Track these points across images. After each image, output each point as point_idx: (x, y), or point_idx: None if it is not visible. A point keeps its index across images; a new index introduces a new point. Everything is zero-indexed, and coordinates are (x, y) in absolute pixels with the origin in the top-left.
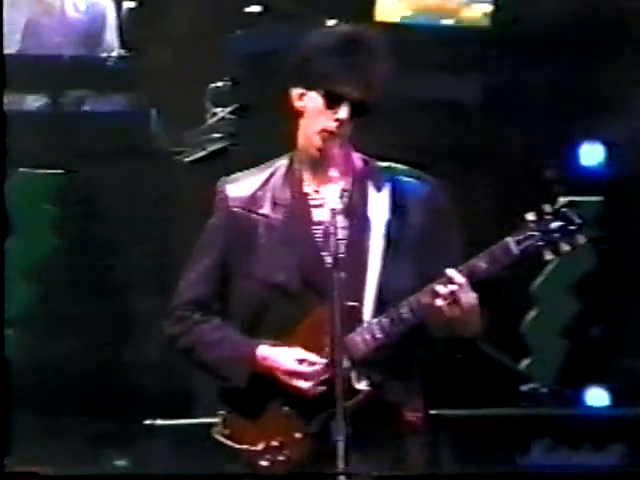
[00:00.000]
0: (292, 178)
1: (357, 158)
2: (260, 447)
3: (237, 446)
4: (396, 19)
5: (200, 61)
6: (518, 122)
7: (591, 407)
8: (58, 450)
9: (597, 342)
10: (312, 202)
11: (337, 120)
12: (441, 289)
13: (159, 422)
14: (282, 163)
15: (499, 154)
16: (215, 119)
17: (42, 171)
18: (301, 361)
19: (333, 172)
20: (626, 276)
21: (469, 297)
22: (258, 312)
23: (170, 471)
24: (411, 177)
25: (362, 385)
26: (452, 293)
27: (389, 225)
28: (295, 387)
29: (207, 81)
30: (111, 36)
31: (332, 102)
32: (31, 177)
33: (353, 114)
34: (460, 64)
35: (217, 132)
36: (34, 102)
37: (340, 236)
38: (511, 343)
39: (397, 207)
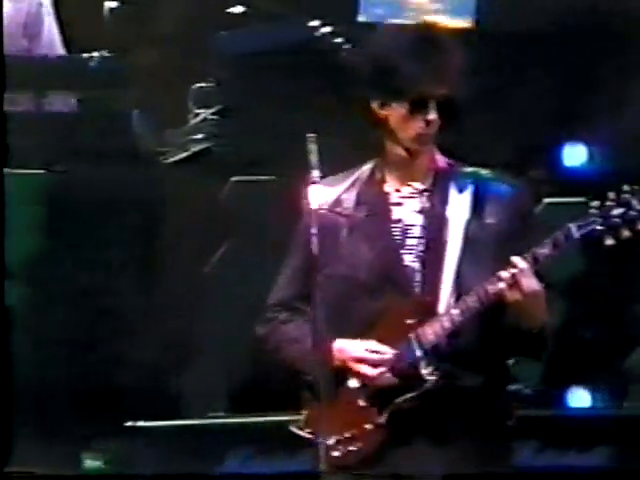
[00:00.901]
0: (375, 180)
1: (441, 160)
2: (333, 439)
3: (311, 437)
4: (379, 20)
5: (183, 62)
6: (501, 123)
7: (575, 408)
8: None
9: (581, 343)
10: (392, 200)
11: (427, 122)
12: (503, 273)
13: (140, 423)
14: (367, 168)
15: (481, 157)
16: (198, 120)
17: (25, 171)
18: (371, 350)
19: (416, 172)
20: (609, 277)
21: (531, 282)
22: (341, 310)
23: (154, 472)
24: (495, 180)
25: (429, 375)
26: (513, 276)
27: (468, 225)
28: (363, 374)
29: (190, 82)
30: (50, 31)
31: (419, 106)
32: (15, 177)
33: (441, 113)
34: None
35: (200, 133)
36: (17, 102)
37: (418, 235)
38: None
39: (478, 208)
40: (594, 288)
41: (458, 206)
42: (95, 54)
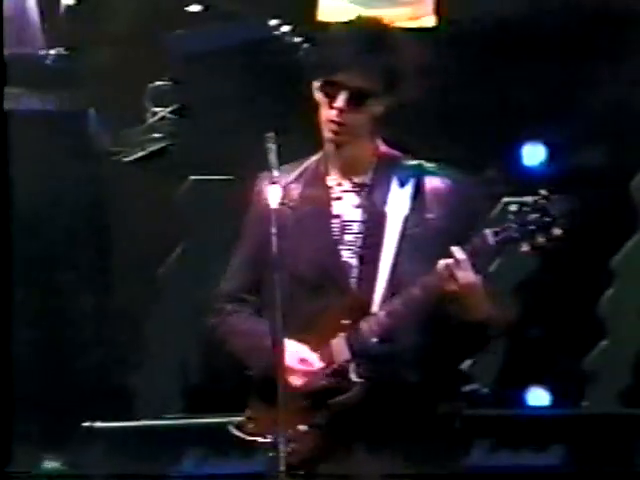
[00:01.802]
0: (319, 173)
1: (385, 152)
2: (270, 439)
3: (248, 438)
4: (338, 20)
5: (140, 60)
6: (459, 122)
7: (532, 407)
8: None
9: (538, 342)
10: (333, 195)
11: (335, 108)
12: (440, 263)
13: (97, 424)
14: (314, 160)
15: (440, 155)
16: (155, 119)
17: None
18: (300, 360)
19: (356, 165)
20: (566, 276)
21: (467, 274)
22: (285, 305)
23: (111, 473)
24: (440, 175)
25: (357, 378)
26: (447, 266)
27: (407, 220)
28: (290, 382)
29: (147, 80)
30: (34, 31)
31: (330, 91)
32: None
33: (353, 103)
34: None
35: (157, 132)
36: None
37: (356, 230)
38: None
39: (418, 203)
40: (551, 287)
41: (398, 201)
42: (51, 52)
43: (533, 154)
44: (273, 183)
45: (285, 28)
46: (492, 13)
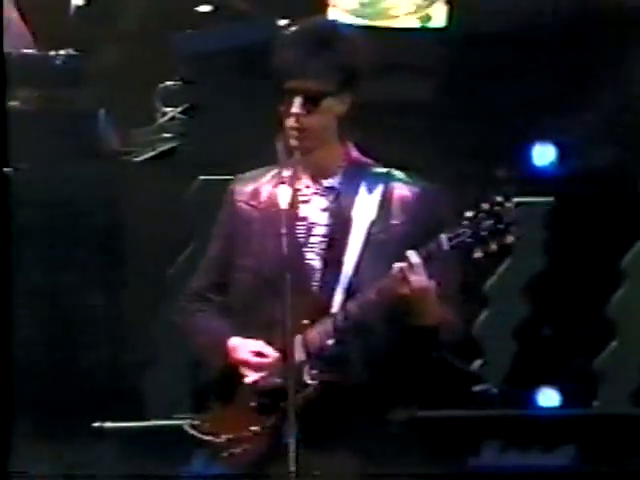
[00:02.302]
0: (290, 176)
1: (354, 160)
2: (223, 439)
3: (201, 436)
4: (350, 20)
5: (150, 60)
6: (470, 122)
7: (542, 408)
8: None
9: (548, 343)
10: (301, 198)
11: (292, 115)
12: (394, 266)
13: (108, 424)
14: (288, 162)
15: (450, 155)
16: (165, 119)
17: None
18: (255, 353)
19: (324, 169)
20: (577, 276)
21: (420, 278)
22: (251, 305)
23: (121, 473)
24: (408, 183)
25: (310, 380)
26: (401, 270)
27: (372, 225)
28: (245, 376)
29: (157, 80)
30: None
31: (287, 97)
32: None
33: (308, 106)
34: (413, 64)
35: (167, 132)
36: None
37: (321, 233)
38: (462, 344)
39: (384, 209)
40: (562, 288)
41: (365, 206)
42: (61, 52)
43: (543, 154)
44: (282, 183)
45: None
46: (503, 11)
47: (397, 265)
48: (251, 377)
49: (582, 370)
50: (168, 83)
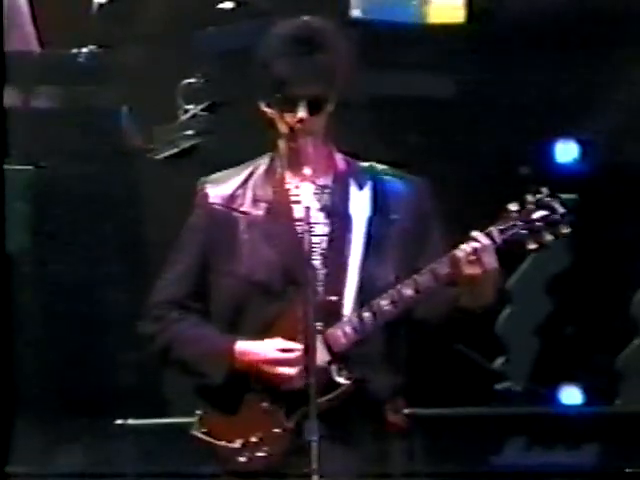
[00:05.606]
0: (273, 176)
1: (339, 158)
2: (238, 444)
3: (215, 442)
4: (370, 16)
5: (172, 57)
6: (492, 120)
7: (565, 406)
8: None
9: (571, 340)
10: (293, 198)
11: (298, 120)
12: (465, 247)
13: (131, 422)
14: (262, 162)
15: (473, 153)
16: (187, 116)
17: (10, 167)
18: (283, 349)
19: (308, 170)
20: (600, 274)
21: (492, 260)
22: (239, 310)
23: (143, 471)
24: (392, 176)
25: (342, 379)
26: (475, 251)
27: (370, 222)
28: (280, 375)
29: (179, 78)
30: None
31: (290, 103)
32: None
33: (313, 111)
34: (432, 62)
35: (189, 129)
36: (4, 98)
37: (321, 233)
38: (485, 342)
39: (378, 205)
40: (585, 285)
41: (359, 204)
42: (83, 50)
43: (566, 151)
44: (304, 180)
45: None
46: (526, 8)
47: (468, 246)
48: (287, 372)
49: (605, 368)
50: (190, 80)
